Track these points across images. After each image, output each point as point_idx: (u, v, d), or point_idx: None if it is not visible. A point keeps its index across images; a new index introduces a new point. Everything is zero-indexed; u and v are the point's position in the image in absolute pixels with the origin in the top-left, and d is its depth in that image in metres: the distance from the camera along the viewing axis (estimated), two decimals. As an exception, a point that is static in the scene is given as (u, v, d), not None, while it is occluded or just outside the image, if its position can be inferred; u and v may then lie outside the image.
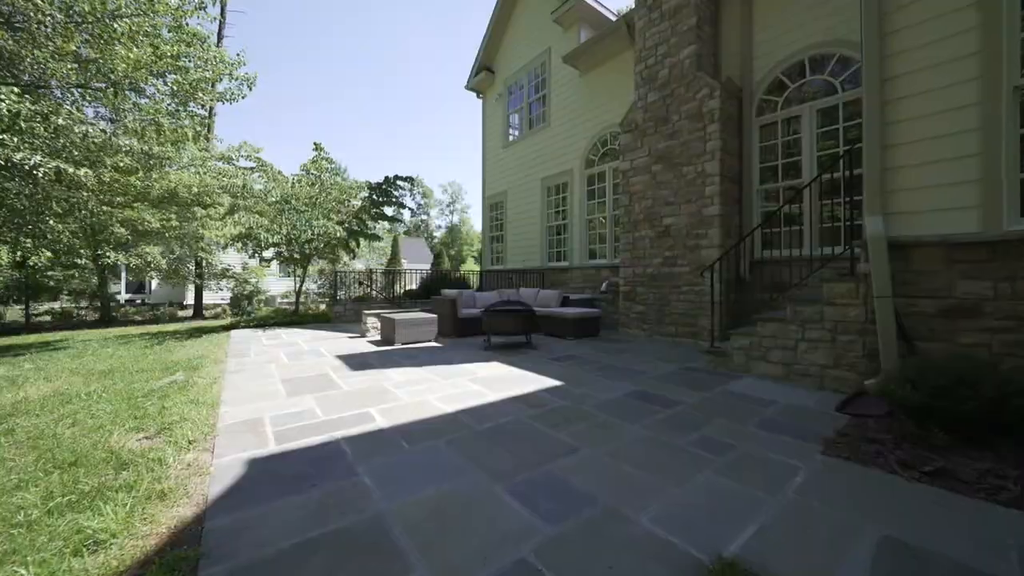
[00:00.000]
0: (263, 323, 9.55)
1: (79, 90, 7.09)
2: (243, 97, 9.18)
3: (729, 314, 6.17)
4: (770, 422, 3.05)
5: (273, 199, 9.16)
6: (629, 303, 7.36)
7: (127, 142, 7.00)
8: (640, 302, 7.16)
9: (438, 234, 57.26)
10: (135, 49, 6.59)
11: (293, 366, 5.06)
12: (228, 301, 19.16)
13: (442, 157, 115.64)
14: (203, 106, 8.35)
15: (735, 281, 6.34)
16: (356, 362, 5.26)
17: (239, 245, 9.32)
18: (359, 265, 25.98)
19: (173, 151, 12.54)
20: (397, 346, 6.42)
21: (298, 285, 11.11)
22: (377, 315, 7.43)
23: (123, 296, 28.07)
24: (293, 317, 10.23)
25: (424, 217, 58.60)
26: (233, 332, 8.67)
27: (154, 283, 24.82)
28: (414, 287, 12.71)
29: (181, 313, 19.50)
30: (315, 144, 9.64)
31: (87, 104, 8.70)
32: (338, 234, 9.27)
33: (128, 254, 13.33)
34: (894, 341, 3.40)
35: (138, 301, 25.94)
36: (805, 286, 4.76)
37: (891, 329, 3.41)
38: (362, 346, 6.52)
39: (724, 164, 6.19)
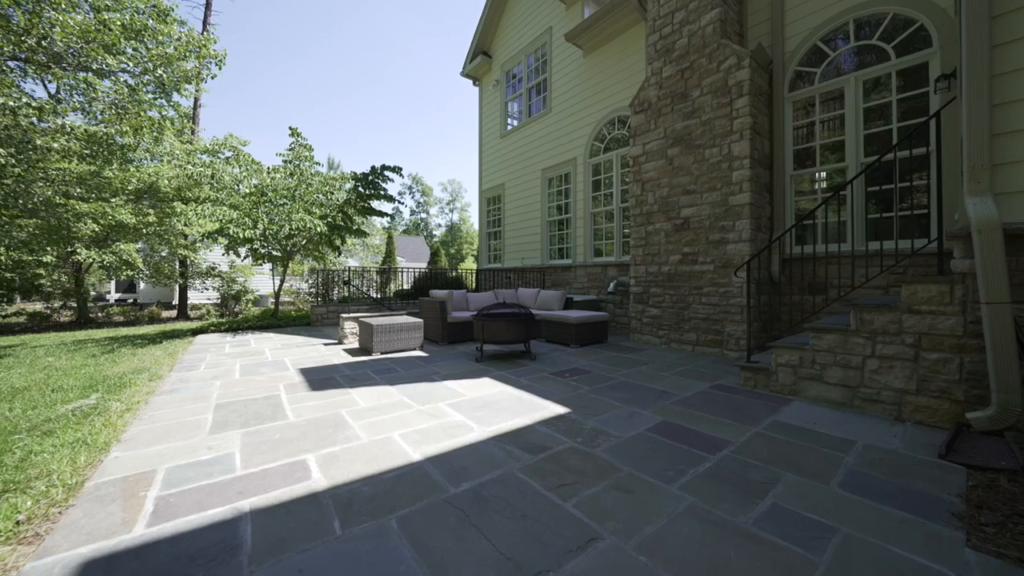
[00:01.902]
0: (236, 326, 8.70)
1: (17, 63, 6.25)
2: (212, 78, 8.34)
3: (759, 319, 5.32)
4: (859, 479, 2.18)
5: (247, 190, 8.29)
6: (641, 306, 6.49)
7: (69, 121, 6.13)
8: (654, 305, 6.30)
9: (438, 233, 56.38)
10: (74, 16, 5.74)
11: (241, 384, 4.20)
12: (216, 301, 18.39)
13: (442, 156, 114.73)
14: (165, 84, 7.46)
15: (766, 281, 5.48)
16: (319, 378, 4.40)
17: (210, 241, 8.45)
18: (353, 263, 25.14)
19: (149, 140, 11.69)
20: (375, 356, 5.56)
21: (278, 285, 10.24)
22: (356, 319, 6.57)
23: (113, 296, 27.36)
24: (271, 320, 9.38)
25: (424, 216, 57.73)
26: (199, 337, 7.82)
27: (141, 283, 24.13)
28: (407, 287, 11.88)
29: (166, 313, 18.67)
30: (291, 129, 8.74)
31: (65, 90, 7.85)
32: (318, 228, 8.40)
33: (101, 251, 12.52)
34: (1015, 362, 2.54)
35: (129, 301, 25.23)
36: (861, 288, 3.91)
37: (1010, 345, 2.54)
38: (335, 356, 5.66)
39: (754, 145, 5.32)
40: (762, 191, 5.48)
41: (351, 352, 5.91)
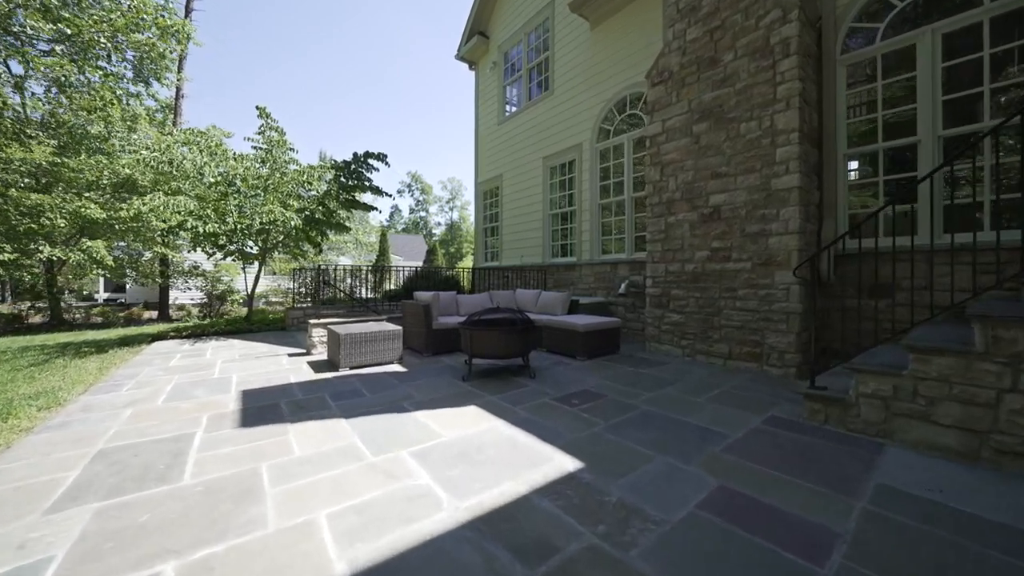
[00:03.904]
0: (201, 331, 7.77)
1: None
2: (173, 52, 7.40)
3: (806, 329, 4.37)
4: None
5: (212, 179, 7.36)
6: (660, 310, 5.54)
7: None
8: (676, 310, 5.35)
9: (438, 231, 55.42)
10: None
11: (157, 415, 3.26)
12: (202, 301, 17.53)
13: (443, 156, 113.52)
14: (112, 54, 6.52)
15: (813, 282, 4.53)
16: (260, 406, 3.46)
17: (171, 237, 7.51)
18: (345, 261, 24.19)
19: (122, 128, 10.75)
20: (341, 372, 4.63)
21: (251, 286, 9.31)
22: (325, 326, 5.64)
23: (102, 296, 26.55)
24: (242, 324, 8.47)
25: (423, 214, 56.77)
26: (155, 344, 6.90)
27: (129, 283, 23.31)
28: (398, 287, 10.94)
29: (149, 314, 17.84)
30: (259, 108, 7.76)
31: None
32: (292, 222, 7.46)
33: (67, 249, 11.60)
34: None
35: (120, 301, 24.45)
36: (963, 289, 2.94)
37: None
38: (295, 371, 4.73)
39: (803, 116, 4.36)
40: (810, 173, 4.53)
41: (316, 366, 4.97)
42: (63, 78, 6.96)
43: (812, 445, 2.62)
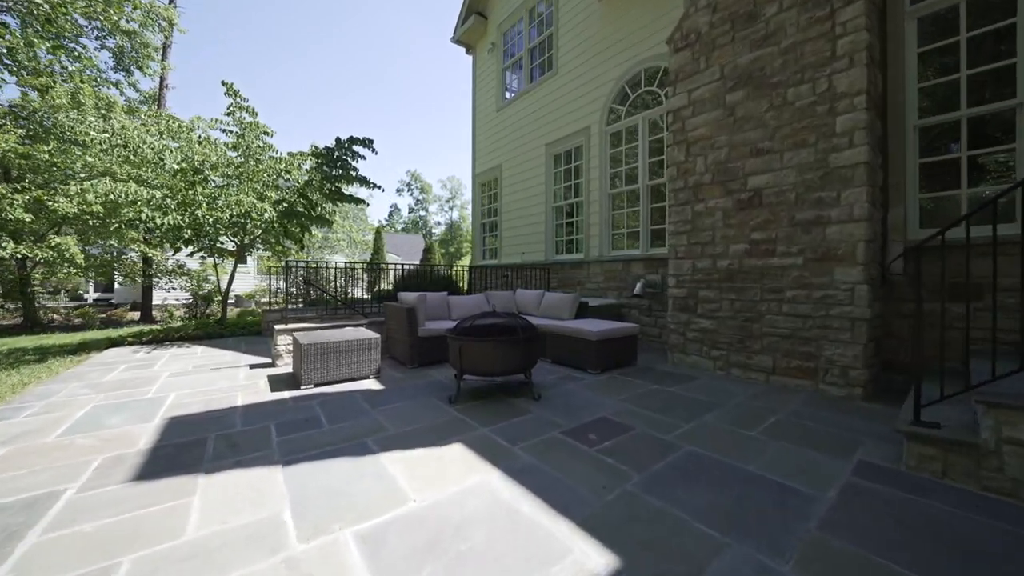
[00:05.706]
0: (164, 336, 6.94)
1: None
2: (160, 40, 6.58)
3: (873, 339, 3.54)
4: None
5: (176, 165, 6.54)
6: (686, 315, 4.71)
7: None
8: (706, 314, 4.52)
9: (437, 231, 54.60)
10: None
11: (37, 457, 2.44)
12: (187, 301, 16.72)
13: (443, 156, 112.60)
14: (49, 20, 5.68)
15: (878, 282, 3.71)
16: (180, 442, 2.64)
17: (126, 230, 6.70)
18: (339, 259, 23.36)
19: (94, 116, 9.93)
20: (304, 390, 3.80)
21: (226, 285, 8.48)
22: (291, 332, 4.81)
23: (91, 296, 25.79)
24: (214, 328, 7.64)
25: (423, 213, 55.95)
26: (106, 352, 6.07)
27: (116, 283, 22.54)
28: (388, 287, 10.11)
29: (132, 315, 16.99)
30: (225, 85, 6.87)
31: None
32: (265, 214, 6.65)
33: (33, 246, 10.77)
34: None
35: (110, 301, 23.76)
36: None
37: None
38: (248, 389, 3.90)
39: (870, 75, 3.54)
40: (876, 147, 3.70)
41: (275, 382, 4.15)
42: (4, 50, 6.16)
43: (945, 517, 1.80)
